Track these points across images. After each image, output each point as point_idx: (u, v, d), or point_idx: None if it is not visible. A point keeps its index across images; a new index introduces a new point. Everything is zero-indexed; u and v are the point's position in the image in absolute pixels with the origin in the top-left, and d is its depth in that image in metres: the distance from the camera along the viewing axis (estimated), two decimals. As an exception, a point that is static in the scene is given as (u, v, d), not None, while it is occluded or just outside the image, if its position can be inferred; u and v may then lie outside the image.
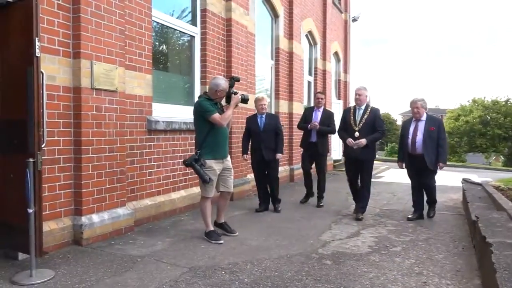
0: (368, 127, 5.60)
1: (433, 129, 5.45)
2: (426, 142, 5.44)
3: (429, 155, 5.44)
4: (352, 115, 5.74)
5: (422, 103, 5.56)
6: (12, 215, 3.59)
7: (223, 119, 4.35)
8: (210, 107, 4.36)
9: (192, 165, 4.30)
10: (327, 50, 12.44)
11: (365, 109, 5.69)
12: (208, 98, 4.47)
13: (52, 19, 4.02)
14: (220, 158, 4.49)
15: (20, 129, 3.45)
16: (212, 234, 4.47)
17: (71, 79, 4.21)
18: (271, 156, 6.00)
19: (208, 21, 6.49)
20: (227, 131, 4.59)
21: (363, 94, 5.72)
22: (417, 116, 5.59)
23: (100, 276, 3.39)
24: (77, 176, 4.23)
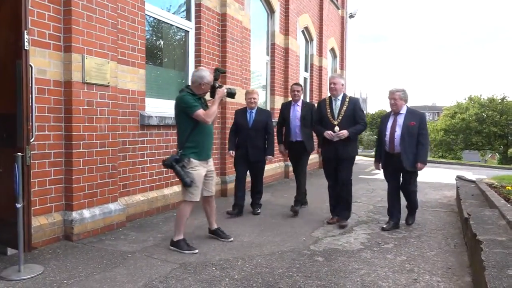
0: (349, 120, 4.98)
1: (414, 124, 4.78)
2: (405, 138, 4.78)
3: (407, 154, 4.79)
4: (329, 107, 5.09)
5: (401, 94, 4.86)
6: (1, 209, 3.55)
7: (208, 115, 3.92)
8: (193, 102, 3.93)
9: (172, 166, 3.87)
10: (324, 47, 12.40)
11: (343, 99, 5.05)
12: (191, 93, 4.03)
13: (42, 12, 3.97)
14: (204, 159, 4.07)
15: (8, 123, 3.41)
16: (182, 244, 3.96)
17: (62, 73, 4.17)
18: (257, 157, 5.48)
19: (203, 16, 6.45)
20: (212, 129, 4.18)
21: (338, 83, 5.06)
22: (394, 108, 4.91)
23: (89, 272, 3.36)
24: (68, 171, 4.20)
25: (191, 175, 3.88)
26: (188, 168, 3.90)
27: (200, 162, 4.01)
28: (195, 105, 3.92)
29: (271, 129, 5.63)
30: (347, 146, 5.02)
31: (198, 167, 3.97)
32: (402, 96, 4.87)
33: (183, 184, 3.88)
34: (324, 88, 12.39)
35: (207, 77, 4.04)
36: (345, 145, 5.00)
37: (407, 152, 4.79)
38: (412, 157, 4.81)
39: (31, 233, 3.46)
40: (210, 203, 4.33)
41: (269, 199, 6.78)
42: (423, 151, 4.87)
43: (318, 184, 8.58)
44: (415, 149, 4.81)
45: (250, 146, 5.42)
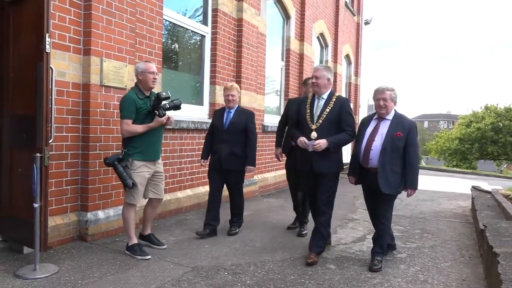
0: (331, 125, 3.91)
1: (400, 135, 3.73)
2: (386, 152, 3.71)
3: (386, 172, 3.72)
4: (309, 106, 4.03)
5: (392, 94, 3.82)
6: (18, 209, 3.62)
7: (128, 131, 3.75)
8: (129, 107, 3.74)
9: (114, 166, 3.67)
10: (338, 53, 12.39)
11: (328, 98, 3.97)
12: (138, 91, 3.88)
13: (63, 16, 4.05)
14: (151, 159, 3.90)
15: (28, 124, 3.48)
16: (136, 249, 3.82)
17: (80, 76, 4.24)
18: (231, 165, 4.58)
19: (219, 21, 6.49)
20: (161, 129, 4.02)
21: (322, 77, 3.94)
22: (382, 111, 3.84)
23: (103, 273, 3.40)
24: (84, 172, 4.25)
25: (133, 177, 3.73)
26: (131, 169, 3.76)
27: (145, 163, 3.85)
28: (126, 113, 3.76)
29: (252, 133, 4.69)
30: (326, 159, 3.91)
31: (142, 168, 3.82)
32: (393, 96, 3.85)
33: (124, 185, 3.71)
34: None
35: (140, 66, 3.88)
36: (323, 156, 3.89)
37: (386, 170, 3.73)
38: (393, 178, 3.75)
39: (47, 233, 3.51)
40: (154, 207, 4.14)
41: (282, 204, 6.77)
42: (414, 173, 3.81)
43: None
44: (398, 167, 3.76)
45: (224, 151, 4.57)
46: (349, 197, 7.70)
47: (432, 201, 7.78)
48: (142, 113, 3.82)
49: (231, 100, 4.65)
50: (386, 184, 3.74)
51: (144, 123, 3.82)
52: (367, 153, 3.82)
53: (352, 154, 4.13)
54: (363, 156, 3.86)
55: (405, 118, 3.90)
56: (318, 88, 3.97)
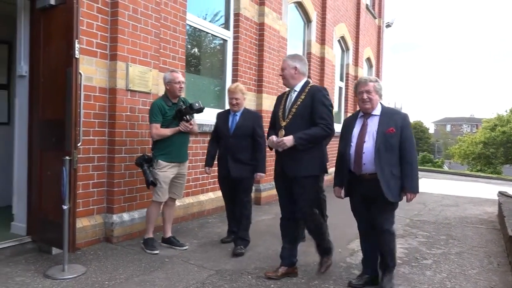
0: (302, 121, 3.38)
1: (393, 131, 3.17)
2: (381, 153, 3.16)
3: (385, 177, 3.15)
4: (283, 102, 3.57)
5: (376, 85, 3.26)
6: (47, 210, 3.71)
7: (157, 134, 4.01)
8: (156, 113, 4.01)
9: (141, 165, 3.99)
10: (360, 56, 12.29)
11: (301, 90, 3.48)
12: (166, 98, 4.13)
13: (91, 22, 4.14)
14: (175, 161, 4.10)
15: (58, 127, 3.57)
16: (148, 243, 4.08)
17: (107, 80, 4.33)
18: (239, 173, 4.18)
19: (241, 25, 6.53)
20: (187, 134, 4.20)
21: (288, 67, 3.48)
22: (367, 107, 3.27)
23: (129, 274, 3.45)
24: (110, 175, 4.33)
25: (157, 175, 3.98)
26: (155, 168, 4.00)
27: (170, 164, 4.07)
28: (154, 118, 4.02)
29: (260, 137, 4.30)
30: (298, 159, 3.37)
31: (165, 168, 4.04)
32: (377, 88, 3.27)
33: (146, 183, 3.98)
34: (359, 98, 12.25)
35: (167, 77, 4.13)
36: (293, 157, 3.37)
37: (385, 175, 3.15)
38: (393, 182, 3.17)
39: (76, 235, 3.59)
40: (170, 206, 4.31)
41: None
42: (413, 174, 3.20)
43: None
44: (396, 169, 3.18)
45: (230, 158, 4.18)
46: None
47: (457, 207, 7.62)
48: (168, 118, 4.06)
49: (235, 104, 4.28)
50: (390, 192, 3.15)
51: (169, 128, 4.03)
52: (359, 157, 3.23)
53: (337, 161, 3.51)
54: (355, 161, 3.25)
55: (395, 111, 3.38)
56: (285, 80, 3.52)
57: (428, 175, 17.17)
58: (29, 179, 3.96)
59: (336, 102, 11.20)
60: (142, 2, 4.55)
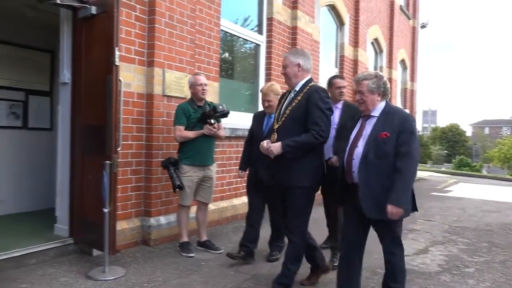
0: (295, 124, 3.06)
1: (386, 136, 2.71)
2: (368, 161, 2.73)
3: (370, 189, 2.72)
4: (282, 102, 3.26)
5: (370, 84, 2.81)
6: (88, 213, 3.83)
7: (180, 137, 4.08)
8: (180, 115, 4.08)
9: (167, 168, 4.04)
10: (393, 58, 12.06)
11: (299, 91, 3.13)
12: (192, 101, 4.21)
13: (129, 30, 4.26)
14: (200, 164, 4.12)
15: (99, 133, 3.68)
16: (184, 246, 4.14)
17: (144, 86, 4.43)
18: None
19: (274, 30, 6.55)
20: (211, 137, 4.19)
21: (291, 64, 3.15)
22: (362, 108, 2.90)
23: (167, 277, 3.50)
24: (148, 179, 4.43)
25: (182, 179, 4.02)
26: (181, 172, 4.05)
27: (193, 167, 4.10)
28: (178, 120, 4.10)
29: None
30: (287, 168, 3.05)
31: (190, 172, 4.07)
32: (372, 86, 2.82)
33: (172, 187, 4.03)
34: (394, 101, 12.01)
35: (190, 80, 4.24)
36: (282, 165, 3.05)
37: (371, 186, 2.72)
38: (383, 197, 2.67)
39: (116, 237, 3.68)
40: (202, 210, 4.33)
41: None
42: (400, 184, 2.65)
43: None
44: (386, 180, 2.68)
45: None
46: (407, 207, 7.43)
47: (499, 213, 7.32)
48: (192, 121, 4.12)
49: (267, 106, 3.96)
50: (373, 205, 2.70)
51: (193, 130, 4.10)
52: (349, 163, 2.84)
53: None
54: (346, 167, 2.88)
55: (397, 112, 2.85)
56: (288, 79, 3.20)
57: (466, 179, 16.59)
58: (71, 182, 4.09)
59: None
60: (178, 9, 4.64)
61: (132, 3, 4.27)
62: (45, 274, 3.44)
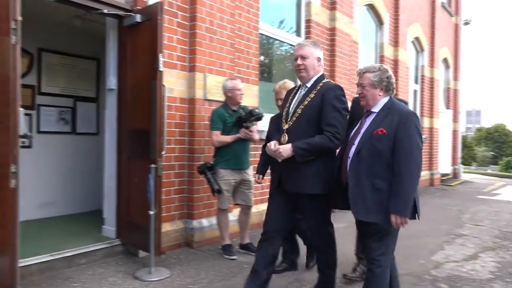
0: (308, 124, 2.82)
1: (382, 133, 2.52)
2: (361, 159, 2.56)
3: (360, 188, 2.54)
4: (290, 100, 3.01)
5: (372, 77, 2.64)
6: (134, 215, 3.94)
7: (217, 141, 4.11)
8: (216, 120, 4.11)
9: (204, 173, 4.06)
10: (435, 57, 11.68)
11: (312, 86, 2.90)
12: (226, 106, 4.23)
13: (171, 36, 4.36)
14: (236, 168, 4.16)
15: (144, 137, 3.78)
16: (226, 249, 4.20)
17: (186, 91, 4.52)
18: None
19: (312, 31, 6.50)
20: (247, 141, 4.23)
21: (311, 55, 2.91)
22: (363, 103, 2.71)
23: (211, 279, 3.54)
24: (190, 182, 4.51)
25: (220, 183, 4.06)
26: (218, 176, 4.08)
27: (230, 171, 4.12)
28: (214, 125, 4.12)
29: None
30: (297, 172, 2.81)
31: (227, 176, 4.10)
32: (374, 80, 2.64)
33: (212, 191, 4.07)
34: (436, 101, 11.64)
35: (228, 84, 4.21)
36: (292, 169, 2.82)
37: (362, 185, 2.54)
38: (374, 197, 2.51)
39: (161, 239, 3.76)
40: (245, 214, 4.33)
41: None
42: (400, 190, 2.45)
43: (432, 203, 8.05)
44: (383, 182, 2.50)
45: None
46: (452, 211, 7.19)
47: None
48: (228, 125, 4.15)
49: (280, 105, 3.57)
50: (362, 206, 2.53)
51: (230, 135, 4.12)
52: (345, 162, 2.67)
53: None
54: (342, 166, 2.72)
55: (398, 108, 2.59)
56: (305, 72, 2.89)
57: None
58: (118, 185, 4.22)
59: (411, 106, 10.72)
60: (218, 14, 4.70)
61: (174, 9, 4.37)
62: (95, 274, 3.56)
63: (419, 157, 2.50)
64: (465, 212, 7.15)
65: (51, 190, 5.41)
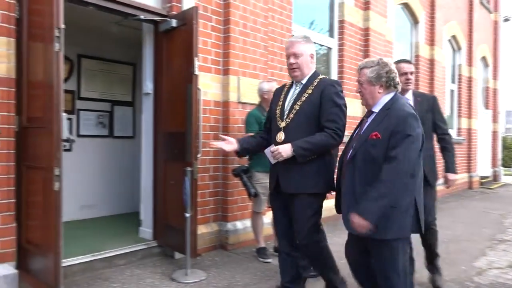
0: (307, 121, 2.72)
1: (377, 137, 2.28)
2: (356, 165, 2.35)
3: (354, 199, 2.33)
4: (282, 98, 2.90)
5: (368, 73, 2.38)
6: (171, 217, 3.99)
7: None
8: (252, 122, 4.05)
9: (240, 176, 3.98)
10: (473, 55, 11.28)
11: (308, 83, 2.80)
12: (262, 108, 4.15)
13: (206, 40, 4.40)
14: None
15: (180, 140, 3.83)
16: (261, 252, 4.17)
17: (220, 94, 4.55)
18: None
19: (345, 32, 6.42)
20: None
21: (305, 52, 2.79)
22: (362, 102, 2.51)
23: (246, 282, 3.54)
24: (224, 184, 4.53)
25: (256, 186, 4.00)
26: (253, 179, 4.02)
27: (265, 174, 3.86)
28: (249, 127, 4.07)
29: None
30: (297, 173, 2.71)
31: (263, 179, 3.97)
32: (371, 76, 2.38)
33: (248, 194, 3.99)
34: (474, 100, 11.24)
35: (265, 87, 4.14)
36: (291, 169, 2.72)
37: (354, 194, 2.33)
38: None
39: (197, 241, 3.79)
40: None
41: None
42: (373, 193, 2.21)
43: (471, 206, 7.77)
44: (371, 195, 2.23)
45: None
46: (493, 215, 6.91)
47: None
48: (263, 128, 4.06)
49: None
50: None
51: None
52: (345, 164, 2.48)
53: None
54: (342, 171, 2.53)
55: (397, 109, 2.30)
56: (299, 70, 2.79)
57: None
58: (154, 187, 4.29)
59: (447, 106, 10.40)
60: (251, 17, 4.72)
61: (208, 14, 4.42)
62: (133, 275, 3.63)
63: (407, 166, 2.19)
64: (507, 216, 6.85)
65: (90, 192, 5.58)
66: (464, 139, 10.63)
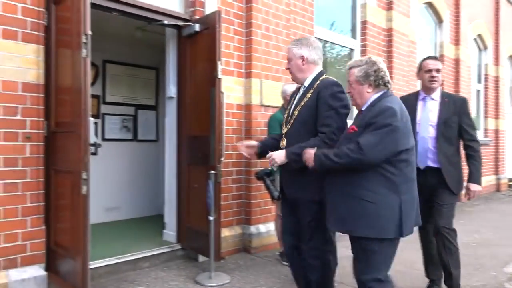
0: (304, 127, 2.65)
1: (354, 131, 2.27)
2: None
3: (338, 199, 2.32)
4: (292, 101, 2.86)
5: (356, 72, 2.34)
6: (194, 220, 4.02)
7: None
8: (274, 126, 3.94)
9: (263, 179, 3.82)
10: (500, 54, 10.99)
11: (309, 87, 2.71)
12: (284, 110, 3.95)
13: (228, 43, 4.42)
14: None
15: (203, 143, 3.85)
16: (283, 255, 4.01)
17: (243, 97, 4.56)
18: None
19: (368, 33, 6.35)
20: None
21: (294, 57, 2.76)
22: (352, 104, 2.56)
23: (270, 286, 3.53)
24: (247, 188, 4.53)
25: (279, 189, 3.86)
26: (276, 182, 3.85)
27: None
28: (272, 130, 3.97)
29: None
30: (297, 179, 2.68)
31: None
32: (359, 75, 2.32)
33: (271, 197, 3.77)
34: (502, 101, 10.94)
35: (287, 89, 4.00)
36: (292, 175, 2.73)
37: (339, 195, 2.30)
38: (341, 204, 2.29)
39: (220, 244, 3.80)
40: None
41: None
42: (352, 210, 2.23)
43: (500, 209, 7.57)
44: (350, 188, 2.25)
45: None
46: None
47: None
48: None
49: None
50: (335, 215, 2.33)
51: None
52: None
53: None
54: None
55: (380, 104, 2.23)
56: (292, 74, 2.80)
57: None
58: (178, 191, 4.33)
59: (473, 107, 10.16)
60: (273, 20, 4.71)
61: (230, 17, 4.44)
62: (158, 278, 3.67)
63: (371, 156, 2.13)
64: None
65: (115, 195, 5.67)
66: (491, 140, 10.35)
